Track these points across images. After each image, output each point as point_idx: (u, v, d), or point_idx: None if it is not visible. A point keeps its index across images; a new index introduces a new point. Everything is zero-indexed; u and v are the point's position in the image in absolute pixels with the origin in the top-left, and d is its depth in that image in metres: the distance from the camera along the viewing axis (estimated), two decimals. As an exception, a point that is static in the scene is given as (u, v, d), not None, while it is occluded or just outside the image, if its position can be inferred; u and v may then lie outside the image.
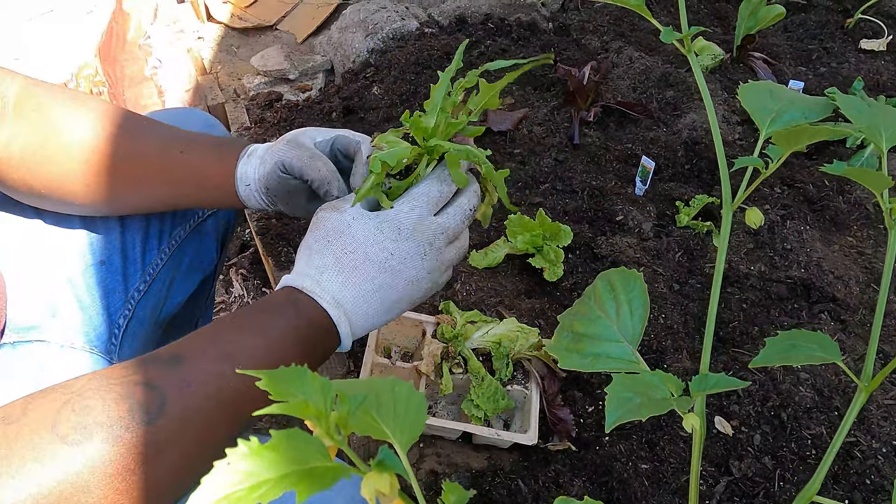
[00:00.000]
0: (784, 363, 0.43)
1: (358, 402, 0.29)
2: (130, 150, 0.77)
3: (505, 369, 1.12)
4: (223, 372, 0.57)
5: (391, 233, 0.66)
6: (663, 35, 0.44)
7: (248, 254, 1.75)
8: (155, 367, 0.55)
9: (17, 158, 0.74)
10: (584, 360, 0.51)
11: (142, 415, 0.52)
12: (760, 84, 0.48)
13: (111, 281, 0.86)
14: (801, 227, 1.44)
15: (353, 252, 0.65)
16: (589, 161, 1.61)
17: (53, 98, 0.77)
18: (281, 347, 0.61)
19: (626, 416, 0.42)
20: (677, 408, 0.42)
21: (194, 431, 0.55)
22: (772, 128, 0.45)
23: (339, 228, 0.66)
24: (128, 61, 1.69)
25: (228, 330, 0.61)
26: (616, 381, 0.44)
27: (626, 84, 1.80)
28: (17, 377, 0.73)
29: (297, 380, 0.30)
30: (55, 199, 0.78)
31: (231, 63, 2.19)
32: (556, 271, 1.31)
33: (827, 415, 1.13)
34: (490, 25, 2.04)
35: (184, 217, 0.94)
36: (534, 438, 1.05)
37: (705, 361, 0.47)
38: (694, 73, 0.42)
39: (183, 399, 0.54)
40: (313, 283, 0.64)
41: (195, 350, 0.58)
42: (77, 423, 0.50)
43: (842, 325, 1.28)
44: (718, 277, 0.46)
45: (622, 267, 0.51)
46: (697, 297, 1.32)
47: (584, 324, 0.52)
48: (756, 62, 1.84)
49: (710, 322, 0.45)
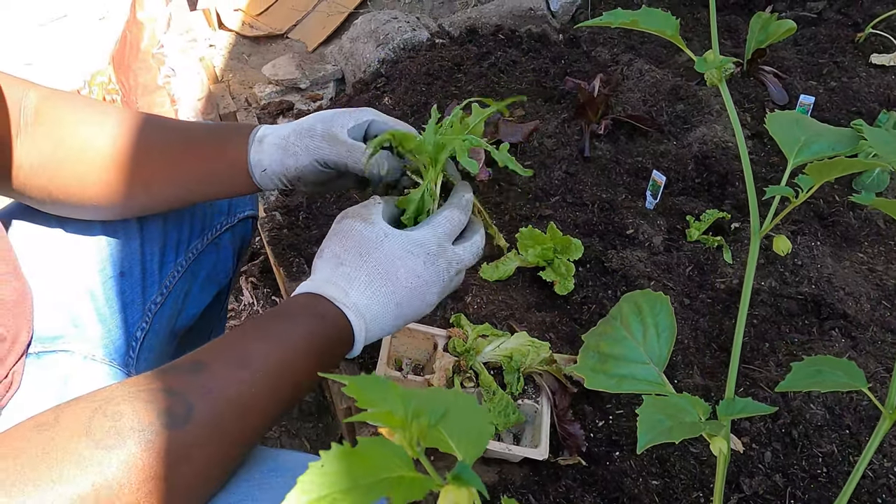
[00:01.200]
0: (810, 388, 0.44)
1: (437, 417, 0.30)
2: (141, 152, 0.77)
3: (516, 383, 1.12)
4: (243, 378, 0.58)
5: (421, 256, 0.67)
6: (698, 65, 0.44)
7: (259, 262, 1.75)
8: (177, 375, 0.57)
9: (38, 166, 0.75)
10: (611, 381, 0.51)
11: (170, 420, 0.53)
12: (787, 114, 0.49)
13: (130, 293, 0.86)
14: (812, 242, 1.44)
15: (386, 271, 0.66)
16: (599, 174, 1.61)
17: (70, 105, 0.78)
18: (299, 355, 0.62)
19: (658, 439, 0.42)
20: (707, 432, 0.42)
21: (220, 435, 0.57)
22: (799, 158, 0.45)
23: (371, 243, 0.66)
24: (141, 70, 1.70)
25: (249, 337, 0.62)
26: (647, 404, 0.44)
27: (636, 97, 1.81)
28: (43, 388, 0.74)
29: (379, 388, 0.30)
30: (73, 204, 0.79)
31: (242, 71, 2.20)
32: (567, 285, 1.31)
33: (839, 433, 1.13)
34: (501, 37, 2.05)
35: (201, 230, 0.94)
36: (544, 453, 1.05)
37: (731, 385, 0.47)
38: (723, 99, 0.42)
39: (208, 405, 0.56)
40: (341, 293, 0.65)
41: (216, 357, 0.59)
42: (110, 428, 0.52)
43: (853, 342, 1.28)
44: (744, 306, 0.46)
45: (647, 289, 0.51)
46: (708, 312, 1.32)
47: (611, 344, 0.52)
48: (766, 76, 1.84)
49: (735, 350, 0.46)
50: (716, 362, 1.25)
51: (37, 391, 0.74)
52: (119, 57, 1.75)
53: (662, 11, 0.46)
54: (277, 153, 0.75)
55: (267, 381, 0.59)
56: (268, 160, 0.75)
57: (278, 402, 0.61)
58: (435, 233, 0.69)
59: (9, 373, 0.70)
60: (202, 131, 0.80)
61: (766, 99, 1.80)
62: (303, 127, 0.75)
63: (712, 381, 1.21)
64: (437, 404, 0.32)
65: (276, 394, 0.61)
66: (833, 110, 1.77)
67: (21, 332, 0.72)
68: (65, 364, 0.77)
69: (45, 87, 0.78)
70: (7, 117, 0.73)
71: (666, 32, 0.46)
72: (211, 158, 0.77)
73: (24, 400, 0.72)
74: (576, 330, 1.30)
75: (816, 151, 0.47)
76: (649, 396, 0.45)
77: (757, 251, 0.45)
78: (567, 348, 1.25)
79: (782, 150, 0.46)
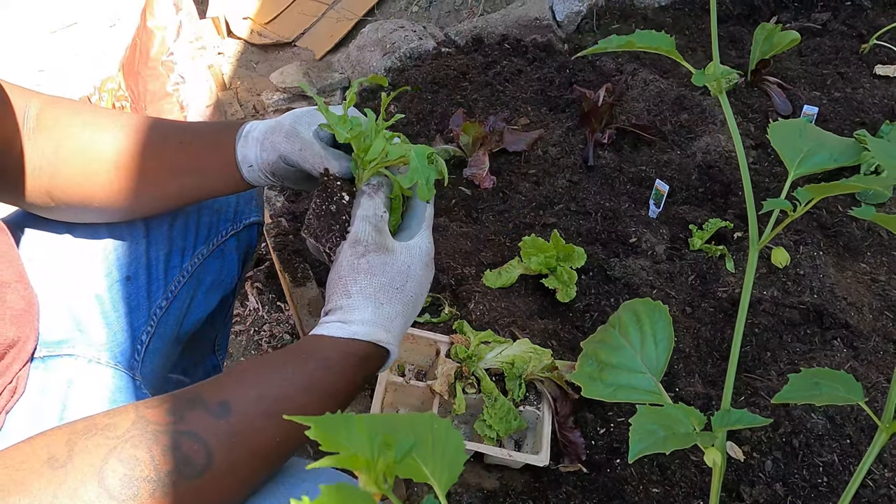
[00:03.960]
0: (807, 401, 0.44)
1: (404, 451, 0.30)
2: (135, 149, 0.78)
3: (518, 390, 1.13)
4: (269, 428, 0.57)
5: (430, 264, 0.70)
6: (695, 78, 0.45)
7: (264, 268, 1.76)
8: (202, 416, 0.55)
9: (38, 169, 0.77)
10: (608, 390, 0.51)
11: (188, 469, 0.52)
12: (790, 123, 0.49)
13: (136, 297, 0.87)
14: (814, 252, 1.44)
15: (416, 294, 0.68)
16: (603, 183, 1.62)
17: (70, 110, 0.79)
18: (332, 402, 0.62)
19: (650, 449, 0.43)
20: (700, 443, 0.43)
21: (238, 483, 0.57)
22: (800, 169, 0.46)
23: (400, 275, 0.66)
24: (150, 77, 1.72)
25: (282, 383, 0.60)
26: (640, 414, 0.45)
27: (640, 106, 1.82)
28: (47, 392, 0.75)
29: (344, 428, 0.30)
30: (75, 205, 0.80)
31: (250, 78, 2.22)
32: (570, 292, 1.32)
33: (839, 442, 1.13)
34: (506, 46, 2.06)
35: (207, 236, 0.95)
36: (545, 460, 1.06)
37: (727, 396, 0.48)
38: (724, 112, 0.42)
39: (228, 454, 0.55)
40: (385, 333, 0.65)
41: (246, 402, 0.57)
42: (124, 476, 0.50)
43: (854, 352, 1.28)
44: (741, 318, 0.47)
45: (647, 298, 0.52)
46: (709, 321, 1.33)
47: (609, 353, 0.53)
48: (771, 86, 1.85)
49: (732, 360, 0.46)
50: (717, 370, 1.26)
51: (41, 395, 0.74)
52: (129, 64, 1.77)
53: (656, 32, 0.47)
54: (257, 148, 0.75)
55: (292, 431, 0.58)
56: (252, 155, 0.75)
57: (299, 444, 0.61)
58: (429, 235, 0.70)
59: (13, 378, 0.71)
60: (198, 128, 0.81)
61: (770, 109, 1.81)
62: (277, 122, 0.75)
63: (713, 389, 1.21)
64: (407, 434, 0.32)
65: (300, 441, 0.61)
66: (837, 121, 1.77)
67: (28, 338, 0.73)
68: (69, 368, 0.78)
69: (47, 94, 0.80)
70: (16, 125, 0.74)
71: (662, 49, 0.47)
72: (204, 155, 0.77)
73: (28, 403, 0.73)
74: (578, 337, 1.30)
75: (818, 162, 0.47)
76: (643, 406, 0.45)
77: (755, 262, 0.46)
78: (569, 355, 1.26)
79: (783, 160, 0.46)
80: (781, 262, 0.50)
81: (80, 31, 2.57)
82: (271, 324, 1.70)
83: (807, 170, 0.47)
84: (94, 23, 2.55)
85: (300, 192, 1.65)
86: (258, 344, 1.69)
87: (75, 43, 2.54)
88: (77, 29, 2.59)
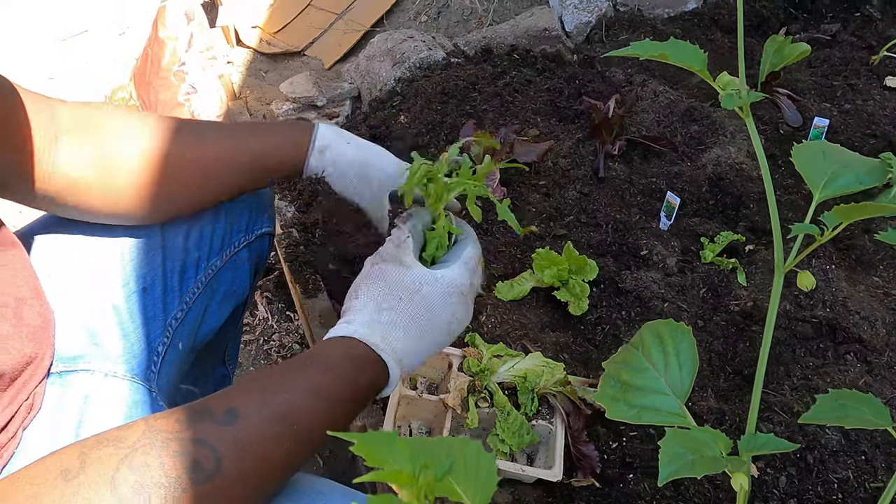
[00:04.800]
0: (835, 423, 0.44)
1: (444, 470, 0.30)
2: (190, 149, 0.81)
3: (530, 404, 1.12)
4: (277, 433, 0.58)
5: (456, 297, 0.69)
6: (724, 101, 0.45)
7: (273, 277, 1.77)
8: (210, 425, 0.56)
9: (76, 172, 0.77)
10: (632, 411, 0.51)
11: (198, 475, 0.53)
12: (813, 144, 0.49)
13: (152, 308, 0.88)
14: (827, 266, 1.43)
15: (425, 317, 0.67)
16: (613, 194, 1.62)
17: (104, 113, 0.81)
18: (336, 408, 0.62)
19: (679, 473, 0.43)
20: (729, 469, 0.43)
21: (248, 489, 0.57)
22: (826, 192, 0.46)
23: (408, 287, 0.67)
24: (162, 86, 1.73)
25: (287, 387, 0.61)
26: (669, 437, 0.45)
27: (650, 118, 1.82)
28: (63, 408, 0.75)
29: (386, 445, 0.31)
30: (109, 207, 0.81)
31: (260, 88, 2.23)
32: (582, 305, 1.32)
33: (854, 459, 1.12)
34: (515, 56, 2.06)
35: (220, 248, 0.96)
36: (558, 475, 1.05)
37: (752, 420, 0.47)
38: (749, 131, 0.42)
39: (238, 460, 0.55)
40: (381, 339, 0.65)
41: (251, 407, 0.58)
42: (135, 483, 0.51)
43: (868, 366, 1.27)
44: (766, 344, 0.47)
45: (670, 319, 0.52)
46: (722, 335, 1.32)
47: (632, 374, 0.52)
48: (781, 98, 1.84)
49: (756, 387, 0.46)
50: (730, 385, 1.25)
51: (57, 411, 0.74)
52: (140, 74, 1.78)
53: (690, 45, 0.47)
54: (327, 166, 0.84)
55: (300, 435, 0.59)
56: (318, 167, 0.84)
57: (308, 452, 0.61)
58: (461, 271, 0.70)
59: (30, 395, 0.71)
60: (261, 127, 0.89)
61: (781, 121, 1.81)
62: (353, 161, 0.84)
63: (726, 404, 1.21)
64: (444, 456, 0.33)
65: (309, 446, 0.61)
66: (847, 133, 1.77)
67: (45, 355, 0.74)
68: (85, 383, 0.78)
69: (75, 102, 0.81)
70: (33, 131, 0.74)
71: (694, 67, 0.47)
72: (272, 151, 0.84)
73: (45, 420, 0.73)
74: (590, 350, 1.30)
75: (843, 185, 0.47)
76: (672, 429, 0.45)
77: (780, 287, 0.45)
78: (581, 369, 1.25)
79: (807, 182, 0.46)
80: (807, 285, 0.49)
81: (91, 40, 2.59)
82: (281, 333, 1.70)
83: (832, 192, 0.47)
84: (104, 31, 2.57)
85: (311, 203, 1.66)
86: (267, 353, 1.69)
87: (86, 51, 2.55)
88: (87, 37, 2.61)
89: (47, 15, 2.70)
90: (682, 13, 2.23)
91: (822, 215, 0.42)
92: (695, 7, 2.24)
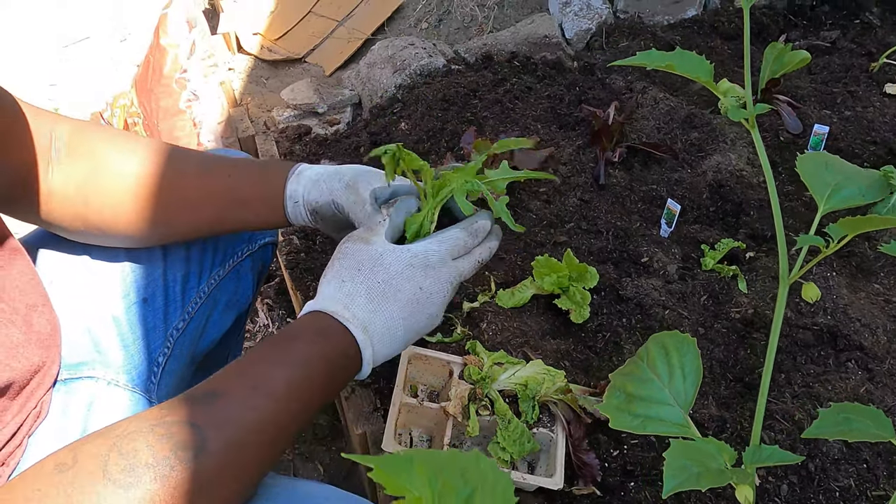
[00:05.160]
0: (838, 437, 0.44)
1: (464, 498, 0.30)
2: (178, 177, 0.81)
3: (531, 412, 1.12)
4: (257, 405, 0.59)
5: (421, 268, 0.69)
6: (732, 114, 0.45)
7: (274, 284, 1.77)
8: (191, 406, 0.58)
9: (73, 193, 0.78)
10: (636, 421, 0.51)
11: (185, 453, 0.55)
12: (817, 155, 0.49)
13: (153, 319, 0.88)
14: (827, 273, 1.43)
15: (385, 283, 0.68)
16: (614, 201, 1.62)
17: (103, 136, 0.80)
18: (310, 375, 0.64)
19: (684, 485, 0.43)
20: (735, 481, 0.43)
21: (235, 464, 0.58)
22: (830, 203, 0.46)
23: (370, 259, 0.68)
24: (163, 94, 1.73)
25: (260, 362, 0.63)
26: (674, 449, 0.45)
27: (650, 124, 1.82)
28: (68, 414, 0.75)
29: (405, 470, 0.31)
30: (107, 230, 0.81)
31: (261, 95, 2.23)
32: (583, 313, 1.32)
33: (856, 467, 1.12)
34: (516, 63, 2.07)
35: (223, 258, 0.96)
36: (560, 483, 1.05)
37: (756, 432, 0.47)
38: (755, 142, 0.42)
39: (222, 434, 0.57)
40: (343, 308, 0.67)
41: (229, 385, 0.61)
42: (126, 466, 0.53)
43: (869, 374, 1.27)
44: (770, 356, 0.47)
45: (675, 331, 0.52)
46: (723, 342, 1.32)
47: (637, 385, 0.52)
48: (781, 105, 1.85)
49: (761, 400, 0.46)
50: (731, 392, 1.25)
51: (63, 417, 0.75)
52: (142, 81, 1.79)
53: (696, 55, 0.47)
54: (309, 186, 0.79)
55: (280, 405, 0.61)
56: (301, 191, 0.79)
57: (292, 423, 0.63)
58: (438, 246, 0.71)
59: (38, 403, 0.71)
60: (247, 163, 0.85)
61: (781, 128, 1.81)
62: (338, 170, 0.80)
63: (728, 412, 1.21)
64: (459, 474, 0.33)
65: (290, 415, 0.62)
66: (847, 140, 1.77)
67: (53, 363, 0.74)
68: (89, 390, 0.79)
69: (75, 119, 0.81)
70: (33, 148, 0.74)
71: (700, 78, 0.47)
72: (250, 187, 0.81)
73: (50, 426, 0.73)
74: (591, 358, 1.30)
75: (847, 197, 0.47)
76: (676, 441, 0.45)
77: (785, 299, 0.46)
78: (582, 376, 1.25)
79: (812, 193, 0.46)
80: (812, 297, 0.50)
81: (92, 46, 2.60)
82: (281, 340, 1.70)
83: (836, 205, 0.47)
84: (105, 38, 2.57)
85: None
86: (268, 361, 1.69)
87: (87, 58, 2.56)
88: (89, 44, 2.62)
89: (49, 21, 2.71)
90: (681, 20, 2.23)
91: (828, 227, 0.42)
92: (694, 14, 2.25)
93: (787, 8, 2.31)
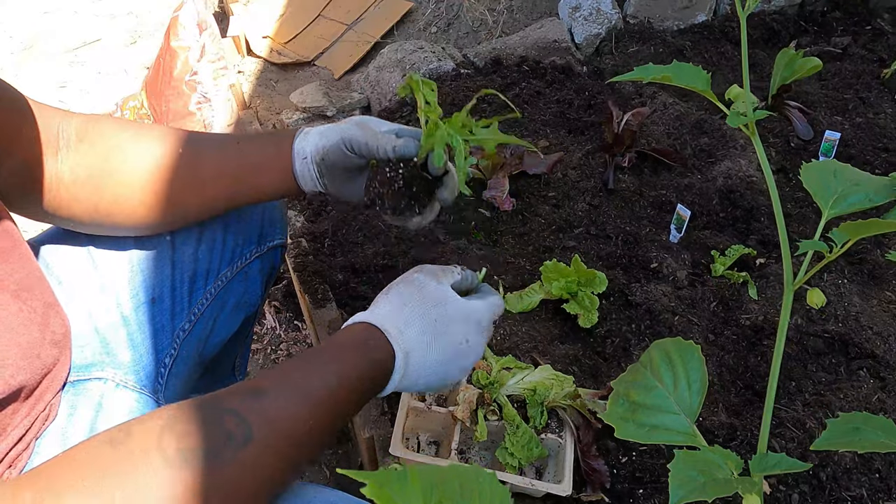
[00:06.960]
0: (848, 448, 0.43)
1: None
2: (194, 156, 0.82)
3: (539, 417, 1.12)
4: (300, 412, 0.62)
5: (474, 325, 0.74)
6: (730, 120, 0.45)
7: (282, 286, 1.77)
8: (240, 399, 0.60)
9: (85, 178, 0.78)
10: (641, 431, 0.51)
11: (231, 442, 0.57)
12: (824, 163, 0.49)
13: (160, 319, 0.88)
14: (839, 280, 1.42)
15: (441, 322, 0.71)
16: (623, 206, 1.62)
17: (113, 123, 0.82)
18: (352, 386, 0.66)
19: (690, 496, 0.42)
20: (741, 490, 0.42)
21: (273, 461, 0.59)
22: (835, 210, 0.45)
23: (436, 297, 0.72)
24: (173, 96, 1.74)
25: (309, 369, 0.66)
26: (679, 459, 0.44)
27: (660, 130, 1.81)
28: (76, 415, 0.75)
29: (399, 484, 0.30)
30: (120, 214, 0.82)
31: (270, 97, 2.24)
32: (591, 318, 1.31)
33: (868, 476, 1.11)
34: (525, 68, 2.07)
35: (231, 259, 0.96)
36: (568, 489, 1.04)
37: (763, 439, 0.47)
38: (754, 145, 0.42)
39: (265, 429, 0.59)
40: (397, 331, 0.69)
41: (276, 386, 0.63)
42: (178, 448, 0.55)
43: (881, 382, 1.26)
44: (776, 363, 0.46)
45: (679, 338, 0.51)
46: (733, 349, 1.31)
47: (641, 393, 0.52)
48: (791, 111, 1.84)
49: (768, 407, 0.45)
50: (741, 400, 1.24)
51: (70, 418, 0.75)
52: (152, 83, 1.80)
53: (693, 66, 0.47)
54: (316, 138, 0.82)
55: (321, 416, 0.63)
56: (309, 147, 0.82)
57: (327, 434, 0.65)
58: (488, 309, 0.76)
59: (47, 406, 0.71)
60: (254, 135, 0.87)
61: (791, 134, 1.80)
62: (344, 120, 0.84)
63: (738, 419, 1.20)
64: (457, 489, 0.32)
65: (327, 426, 0.64)
66: (859, 146, 1.76)
67: (64, 364, 0.74)
68: (98, 392, 0.79)
69: (84, 113, 0.82)
70: (39, 140, 0.75)
71: (697, 88, 0.46)
72: (259, 153, 0.83)
73: (58, 427, 0.73)
74: (599, 363, 1.29)
75: (853, 203, 0.47)
76: (681, 451, 0.45)
77: (790, 304, 0.45)
78: (590, 382, 1.25)
79: (816, 201, 0.46)
80: (817, 303, 0.49)
81: (103, 48, 2.61)
82: (288, 343, 1.70)
83: (841, 210, 0.47)
84: (115, 40, 2.59)
85: (320, 213, 1.66)
86: (274, 363, 1.69)
87: (98, 60, 2.58)
88: (100, 46, 2.64)
89: (60, 23, 2.73)
90: (692, 26, 2.22)
91: (831, 232, 0.42)
92: (705, 20, 2.24)
93: (798, 14, 2.29)
